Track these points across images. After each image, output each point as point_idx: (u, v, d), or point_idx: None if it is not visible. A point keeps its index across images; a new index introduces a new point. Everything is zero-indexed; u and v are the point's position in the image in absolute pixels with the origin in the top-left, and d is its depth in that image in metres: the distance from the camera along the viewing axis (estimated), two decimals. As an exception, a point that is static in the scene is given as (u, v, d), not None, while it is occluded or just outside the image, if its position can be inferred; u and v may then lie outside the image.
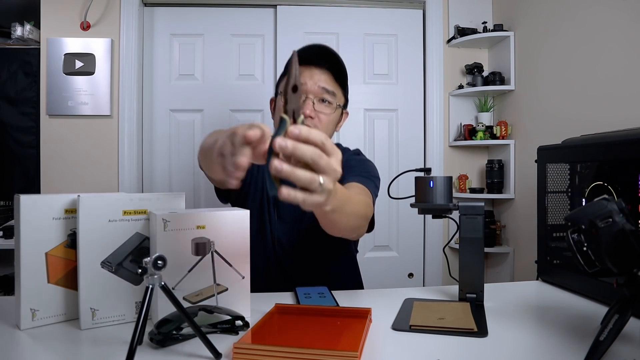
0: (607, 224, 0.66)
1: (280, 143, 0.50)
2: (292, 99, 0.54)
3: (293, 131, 0.51)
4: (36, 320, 0.78)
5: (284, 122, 0.53)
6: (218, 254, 0.83)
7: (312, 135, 0.52)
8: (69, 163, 2.33)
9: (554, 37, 2.05)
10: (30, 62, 2.35)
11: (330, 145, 0.54)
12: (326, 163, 0.53)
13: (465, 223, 0.95)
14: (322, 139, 0.53)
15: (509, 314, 0.88)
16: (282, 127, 0.53)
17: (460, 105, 2.54)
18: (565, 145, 1.13)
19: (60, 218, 0.80)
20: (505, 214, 2.46)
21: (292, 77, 0.53)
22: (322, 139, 0.53)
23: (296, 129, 0.52)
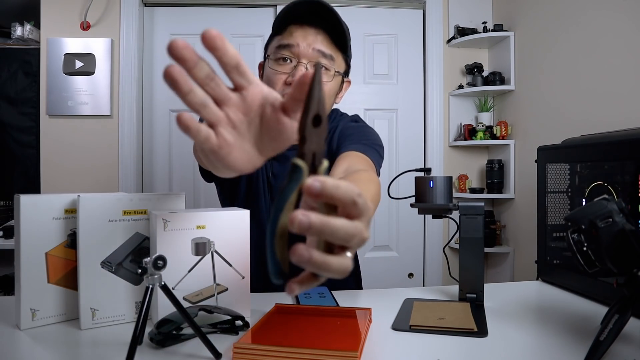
0: (607, 224, 0.66)
1: (300, 220, 0.33)
2: (312, 136, 0.37)
3: (312, 187, 0.34)
4: (36, 320, 0.78)
5: (299, 171, 0.36)
6: (218, 254, 0.83)
7: (341, 193, 0.35)
8: (69, 163, 2.33)
9: (554, 37, 2.05)
10: (30, 62, 2.35)
11: (363, 204, 0.37)
12: (360, 239, 0.37)
13: (465, 223, 0.95)
14: (353, 197, 0.36)
15: (509, 314, 0.88)
16: (296, 180, 0.36)
17: (460, 105, 2.54)
18: (565, 145, 1.13)
19: (60, 218, 0.80)
20: (505, 214, 2.46)
21: (314, 103, 0.37)
22: (354, 197, 0.36)
23: (316, 183, 0.34)
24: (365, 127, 1.11)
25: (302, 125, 0.38)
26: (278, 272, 0.36)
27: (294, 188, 0.36)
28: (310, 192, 0.34)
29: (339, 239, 0.35)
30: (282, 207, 0.36)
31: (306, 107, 0.38)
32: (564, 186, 1.13)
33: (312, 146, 0.37)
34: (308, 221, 0.33)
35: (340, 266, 0.36)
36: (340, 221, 0.35)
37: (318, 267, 0.34)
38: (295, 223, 0.33)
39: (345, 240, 0.35)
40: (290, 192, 0.36)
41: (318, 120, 0.38)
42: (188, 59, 0.41)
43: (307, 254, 0.34)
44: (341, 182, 0.36)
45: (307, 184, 0.34)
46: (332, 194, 0.35)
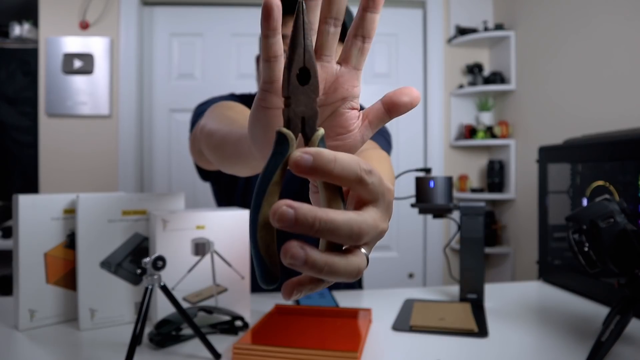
0: (609, 224, 0.65)
1: (283, 212, 0.24)
2: (298, 96, 0.29)
3: (301, 161, 0.26)
4: (35, 320, 0.78)
5: (284, 142, 0.28)
6: (217, 254, 0.82)
7: (340, 168, 0.26)
8: (68, 163, 2.32)
9: (554, 37, 2.04)
10: (29, 61, 2.34)
11: (375, 184, 0.28)
12: (376, 234, 0.28)
13: (466, 223, 0.94)
14: (357, 173, 0.27)
15: (510, 314, 0.88)
16: (280, 154, 0.28)
17: (461, 105, 2.54)
18: (567, 145, 1.13)
19: (59, 218, 0.80)
20: (506, 214, 2.46)
21: (298, 51, 0.29)
22: (359, 173, 0.27)
23: (306, 156, 0.26)
24: None
25: (285, 82, 0.30)
26: (265, 275, 0.27)
27: (278, 164, 0.28)
28: (298, 168, 0.26)
29: (344, 238, 0.26)
30: (263, 189, 0.27)
31: (289, 58, 0.29)
32: (565, 186, 1.13)
33: (300, 108, 0.29)
34: (293, 215, 0.24)
35: (350, 268, 0.27)
36: (341, 214, 0.26)
37: (319, 270, 0.25)
38: (276, 216, 0.24)
39: (353, 239, 0.26)
40: (274, 169, 0.27)
41: (306, 74, 0.30)
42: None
43: (302, 254, 0.24)
44: (341, 154, 0.27)
45: (293, 158, 0.26)
46: (327, 169, 0.26)
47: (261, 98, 0.36)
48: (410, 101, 0.36)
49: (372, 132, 0.38)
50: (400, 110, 0.37)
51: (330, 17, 0.34)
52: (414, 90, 0.36)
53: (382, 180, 0.29)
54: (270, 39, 0.32)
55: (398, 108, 0.37)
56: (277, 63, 0.34)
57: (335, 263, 0.26)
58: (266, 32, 0.32)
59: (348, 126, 0.37)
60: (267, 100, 0.36)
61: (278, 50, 0.33)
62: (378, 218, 0.29)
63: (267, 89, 0.35)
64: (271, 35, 0.32)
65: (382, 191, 0.29)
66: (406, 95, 0.36)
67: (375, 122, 0.38)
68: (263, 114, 0.36)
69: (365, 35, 0.35)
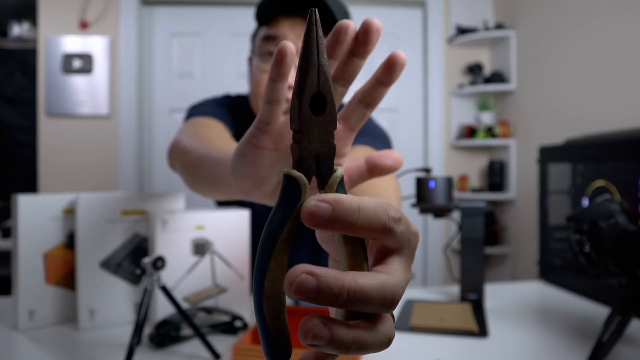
0: (610, 224, 0.65)
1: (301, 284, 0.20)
2: (311, 129, 0.24)
3: (317, 212, 0.21)
4: (34, 321, 0.77)
5: (295, 188, 0.23)
6: (217, 254, 0.82)
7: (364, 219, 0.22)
8: (67, 163, 2.32)
9: (555, 36, 2.04)
10: (28, 61, 2.34)
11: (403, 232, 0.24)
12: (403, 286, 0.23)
13: (466, 223, 0.94)
14: (385, 223, 0.23)
15: (510, 314, 0.88)
16: (290, 202, 0.23)
17: (461, 105, 2.54)
18: (567, 145, 1.12)
19: (59, 218, 0.80)
20: (506, 214, 2.46)
21: (312, 74, 0.23)
22: (387, 223, 0.23)
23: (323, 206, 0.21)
24: (370, 121, 0.99)
25: (296, 112, 0.23)
26: (274, 351, 0.23)
27: (288, 215, 0.22)
28: (313, 221, 0.21)
29: (375, 307, 0.21)
30: (270, 248, 0.22)
31: (300, 82, 0.23)
32: (565, 186, 1.12)
33: (314, 145, 0.23)
34: (315, 285, 0.20)
35: (380, 339, 0.22)
36: (371, 279, 0.21)
37: (346, 349, 0.21)
38: (293, 287, 0.20)
39: (386, 306, 0.22)
40: (283, 223, 0.22)
41: (321, 101, 0.24)
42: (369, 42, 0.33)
43: (327, 333, 0.20)
44: (365, 200, 0.22)
45: (306, 208, 0.21)
46: (350, 221, 0.21)
47: (253, 135, 0.36)
48: (392, 165, 0.37)
49: (351, 188, 0.40)
50: (382, 172, 0.38)
51: (343, 77, 0.34)
52: (396, 155, 0.37)
53: (410, 225, 0.25)
54: (277, 83, 0.32)
55: (380, 170, 0.38)
56: (277, 107, 0.34)
57: (364, 338, 0.21)
58: (275, 77, 0.32)
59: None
60: (259, 139, 0.36)
61: (282, 95, 0.33)
62: (405, 270, 0.24)
63: (262, 128, 0.35)
64: (279, 80, 0.32)
65: (409, 237, 0.25)
66: (389, 159, 0.38)
67: (355, 179, 0.39)
68: (251, 152, 0.36)
69: (370, 103, 0.36)
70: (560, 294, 1.04)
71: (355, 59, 0.33)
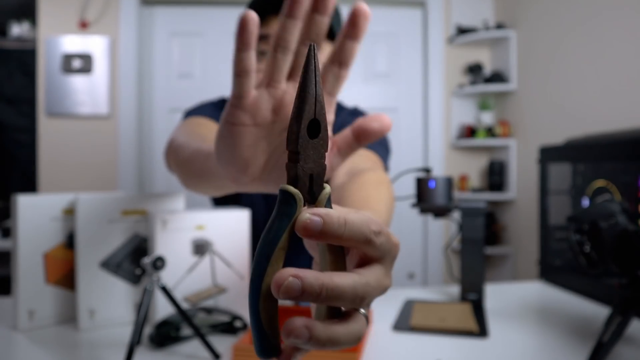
0: (610, 225, 0.65)
1: (289, 286, 0.23)
2: (307, 151, 0.27)
3: (310, 225, 0.25)
4: (34, 321, 0.77)
5: (291, 203, 0.26)
6: (217, 254, 0.82)
7: (349, 231, 0.25)
8: (67, 163, 2.32)
9: (555, 36, 2.04)
10: (28, 61, 2.34)
11: (382, 243, 0.27)
12: (380, 292, 0.28)
13: (466, 223, 0.94)
14: (366, 235, 0.26)
15: (510, 314, 0.88)
16: (287, 215, 0.26)
17: (461, 105, 2.53)
18: (568, 145, 1.12)
19: (59, 218, 0.80)
20: (506, 214, 2.46)
21: (309, 102, 0.26)
22: (368, 235, 0.26)
23: (316, 219, 0.25)
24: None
25: (294, 135, 0.26)
26: (266, 348, 0.25)
27: (284, 227, 0.25)
28: (307, 233, 0.24)
29: (348, 302, 0.25)
30: (268, 254, 0.25)
31: (299, 108, 0.26)
32: (565, 186, 1.12)
33: (309, 165, 0.27)
34: (299, 287, 0.23)
35: (351, 337, 0.25)
36: (346, 279, 0.24)
37: (321, 345, 0.24)
38: (282, 289, 0.23)
39: (357, 302, 0.25)
40: (279, 233, 0.25)
41: (316, 127, 0.27)
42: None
43: (307, 333, 0.23)
44: (351, 215, 0.26)
45: (302, 221, 0.24)
46: (338, 234, 0.25)
47: (229, 113, 0.35)
48: (380, 127, 0.36)
49: (342, 160, 0.38)
50: (369, 136, 0.36)
51: (309, 38, 0.34)
52: (384, 117, 0.36)
53: (390, 237, 0.28)
54: (243, 52, 0.32)
55: (368, 134, 0.36)
56: (247, 78, 0.33)
57: (337, 335, 0.25)
58: (240, 46, 0.32)
59: None
60: (235, 115, 0.35)
61: (250, 65, 0.33)
62: (382, 276, 0.27)
63: (236, 104, 0.34)
64: (244, 49, 0.32)
65: (390, 249, 0.28)
66: (376, 122, 0.36)
67: (344, 150, 0.37)
68: (230, 131, 0.35)
69: (342, 62, 0.35)
70: (560, 294, 1.04)
71: (348, 41, 0.34)
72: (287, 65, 0.35)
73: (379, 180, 0.72)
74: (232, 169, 0.37)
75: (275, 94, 0.35)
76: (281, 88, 0.35)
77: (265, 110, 0.35)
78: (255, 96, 0.35)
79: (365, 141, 0.36)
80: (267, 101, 0.35)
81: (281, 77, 0.35)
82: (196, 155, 0.62)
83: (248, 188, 0.39)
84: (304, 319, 0.24)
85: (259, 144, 0.36)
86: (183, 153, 0.67)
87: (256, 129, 0.36)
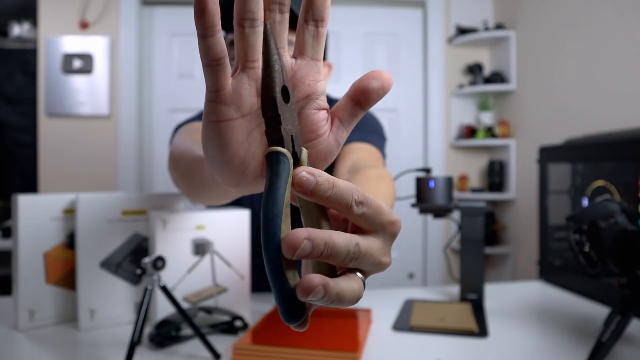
0: (609, 225, 0.65)
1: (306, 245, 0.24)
2: (285, 114, 0.29)
3: (306, 181, 0.26)
4: (34, 321, 0.78)
5: (285, 161, 0.27)
6: (217, 254, 0.82)
7: (335, 195, 0.27)
8: (67, 163, 2.32)
9: (555, 36, 2.04)
10: (28, 61, 2.34)
11: (368, 214, 0.28)
12: (374, 263, 0.28)
13: (466, 223, 0.94)
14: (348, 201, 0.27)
15: (510, 314, 0.88)
16: (286, 173, 0.27)
17: (461, 105, 2.54)
18: (567, 145, 1.12)
19: (59, 218, 0.80)
20: (506, 214, 2.46)
21: (277, 70, 0.29)
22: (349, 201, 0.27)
23: (310, 177, 0.26)
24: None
25: (271, 101, 0.28)
26: (297, 310, 0.26)
27: (285, 184, 0.26)
28: (300, 188, 0.26)
29: (341, 259, 0.26)
30: (278, 213, 0.25)
31: (268, 76, 0.28)
32: (565, 186, 1.12)
33: (288, 126, 0.28)
34: (310, 249, 0.24)
35: (353, 293, 0.27)
36: (342, 238, 0.26)
37: (331, 300, 0.25)
38: (297, 252, 0.24)
39: (347, 260, 0.26)
40: (283, 190, 0.26)
41: (286, 93, 0.29)
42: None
43: (322, 291, 0.24)
44: (339, 181, 0.27)
45: (298, 177, 0.26)
46: (325, 195, 0.26)
47: (209, 111, 0.30)
48: (381, 85, 0.31)
49: (347, 132, 0.34)
50: (371, 98, 0.31)
51: (274, 2, 0.30)
52: (384, 73, 0.31)
53: (381, 213, 0.28)
54: (209, 38, 0.28)
55: (369, 96, 0.31)
56: (221, 67, 0.29)
57: (343, 291, 0.26)
58: (202, 31, 0.28)
59: (317, 129, 0.32)
60: (216, 112, 0.30)
61: (220, 51, 0.28)
62: (376, 248, 0.28)
63: (214, 98, 0.30)
64: (209, 33, 0.28)
65: (382, 223, 0.28)
66: (375, 80, 0.31)
67: (346, 119, 0.33)
68: (216, 130, 0.31)
69: (317, 18, 0.30)
70: (560, 294, 1.04)
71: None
72: (260, 39, 0.30)
73: (379, 175, 0.72)
74: (229, 173, 0.32)
75: (255, 74, 0.30)
76: (259, 67, 0.30)
77: (249, 96, 0.30)
78: (234, 84, 0.30)
79: (367, 104, 0.32)
80: (248, 86, 0.30)
81: (256, 54, 0.30)
82: (194, 165, 0.59)
83: (251, 189, 0.35)
84: (319, 277, 0.25)
85: (252, 136, 0.31)
86: (181, 164, 0.64)
87: (244, 120, 0.31)
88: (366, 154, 0.85)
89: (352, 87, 0.32)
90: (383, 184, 0.69)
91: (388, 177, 0.74)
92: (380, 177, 0.71)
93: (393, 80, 0.33)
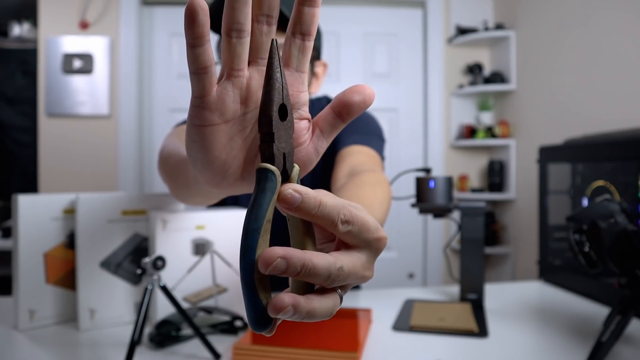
0: (609, 225, 0.65)
1: (279, 263, 0.25)
2: (280, 132, 0.30)
3: (292, 198, 0.27)
4: (34, 321, 0.78)
5: (272, 179, 0.28)
6: (217, 254, 0.82)
7: (321, 213, 0.28)
8: (67, 163, 2.32)
9: (555, 36, 2.04)
10: (29, 61, 2.34)
11: (353, 231, 0.29)
12: (356, 278, 0.29)
13: (466, 223, 0.94)
14: (334, 219, 0.28)
15: (510, 314, 0.88)
16: (271, 190, 0.28)
17: (461, 105, 2.54)
18: (567, 145, 1.12)
19: (59, 218, 0.80)
20: (506, 214, 2.46)
21: (277, 88, 0.29)
22: (335, 219, 0.28)
23: (296, 194, 0.27)
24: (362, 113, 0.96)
25: (267, 118, 0.29)
26: (262, 319, 0.27)
27: (269, 201, 0.27)
28: (286, 205, 0.27)
29: (322, 281, 0.27)
30: (258, 229, 0.27)
31: (268, 93, 0.29)
32: (565, 186, 1.13)
33: (282, 144, 0.29)
34: (285, 266, 0.25)
35: (326, 310, 0.28)
36: (322, 258, 0.26)
37: (301, 318, 0.26)
38: (269, 268, 0.25)
39: (329, 282, 0.27)
40: (266, 206, 0.27)
41: (284, 111, 0.30)
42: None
43: (292, 309, 0.26)
44: (327, 199, 0.28)
45: (284, 195, 0.27)
46: (311, 212, 0.27)
47: (194, 116, 0.32)
48: (363, 100, 0.32)
49: (326, 142, 0.35)
50: (352, 111, 0.33)
51: (262, 14, 0.31)
52: (366, 88, 0.33)
53: (368, 230, 0.29)
54: (197, 48, 0.29)
55: (350, 109, 0.33)
56: (207, 75, 0.30)
57: (314, 309, 0.27)
58: (192, 41, 0.29)
59: (298, 138, 0.33)
60: (200, 117, 0.32)
61: (207, 60, 0.30)
62: (359, 264, 0.29)
63: (199, 104, 0.31)
64: (198, 44, 0.29)
65: (367, 240, 0.29)
66: (358, 94, 0.32)
67: (327, 130, 0.34)
68: (199, 134, 0.32)
69: (304, 32, 0.32)
70: (560, 294, 1.04)
71: (305, 8, 0.31)
72: (246, 49, 0.31)
73: (376, 180, 0.73)
74: (210, 174, 0.34)
75: (239, 83, 0.32)
76: (244, 75, 0.32)
77: (233, 103, 0.32)
78: (219, 91, 0.32)
79: (348, 117, 0.33)
80: (232, 93, 0.32)
81: (242, 64, 0.31)
82: (180, 165, 0.61)
83: (231, 191, 0.37)
84: (290, 296, 0.26)
85: (233, 141, 0.33)
86: (169, 163, 0.66)
87: (227, 125, 0.33)
88: (365, 157, 0.86)
89: (335, 100, 0.33)
90: (379, 189, 0.71)
91: (384, 182, 0.75)
92: (376, 182, 0.72)
93: (375, 95, 0.34)
